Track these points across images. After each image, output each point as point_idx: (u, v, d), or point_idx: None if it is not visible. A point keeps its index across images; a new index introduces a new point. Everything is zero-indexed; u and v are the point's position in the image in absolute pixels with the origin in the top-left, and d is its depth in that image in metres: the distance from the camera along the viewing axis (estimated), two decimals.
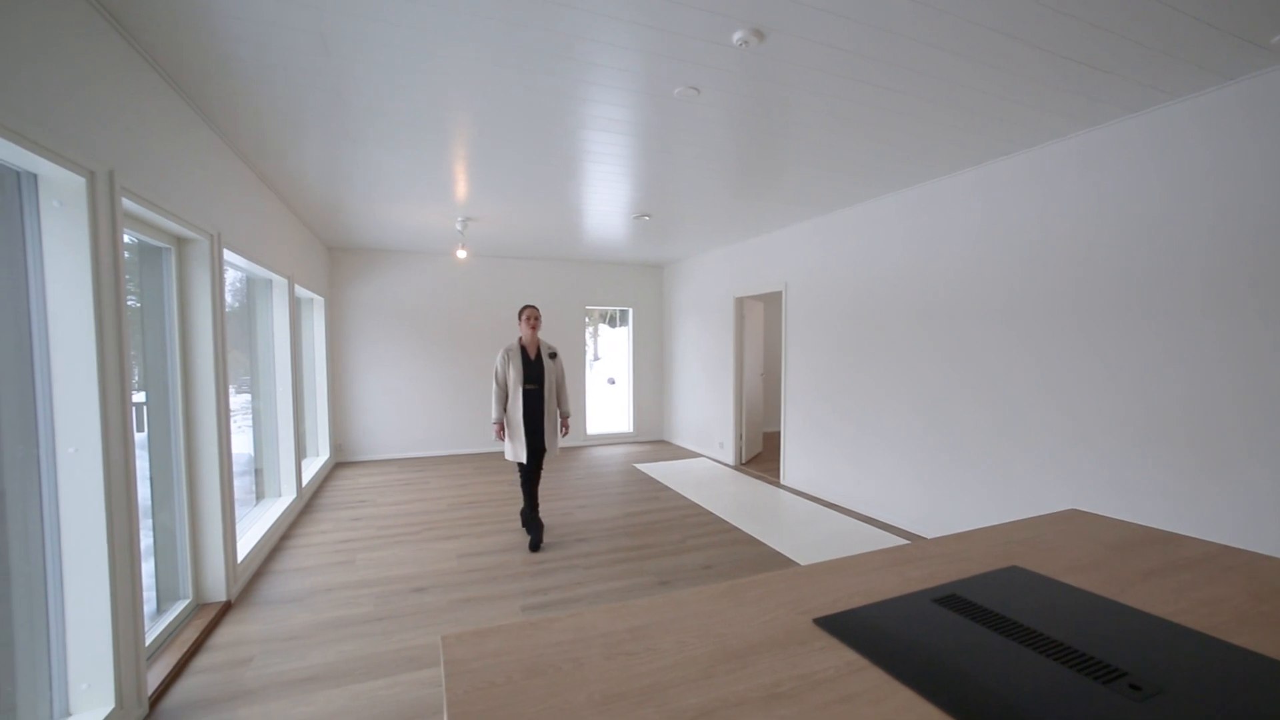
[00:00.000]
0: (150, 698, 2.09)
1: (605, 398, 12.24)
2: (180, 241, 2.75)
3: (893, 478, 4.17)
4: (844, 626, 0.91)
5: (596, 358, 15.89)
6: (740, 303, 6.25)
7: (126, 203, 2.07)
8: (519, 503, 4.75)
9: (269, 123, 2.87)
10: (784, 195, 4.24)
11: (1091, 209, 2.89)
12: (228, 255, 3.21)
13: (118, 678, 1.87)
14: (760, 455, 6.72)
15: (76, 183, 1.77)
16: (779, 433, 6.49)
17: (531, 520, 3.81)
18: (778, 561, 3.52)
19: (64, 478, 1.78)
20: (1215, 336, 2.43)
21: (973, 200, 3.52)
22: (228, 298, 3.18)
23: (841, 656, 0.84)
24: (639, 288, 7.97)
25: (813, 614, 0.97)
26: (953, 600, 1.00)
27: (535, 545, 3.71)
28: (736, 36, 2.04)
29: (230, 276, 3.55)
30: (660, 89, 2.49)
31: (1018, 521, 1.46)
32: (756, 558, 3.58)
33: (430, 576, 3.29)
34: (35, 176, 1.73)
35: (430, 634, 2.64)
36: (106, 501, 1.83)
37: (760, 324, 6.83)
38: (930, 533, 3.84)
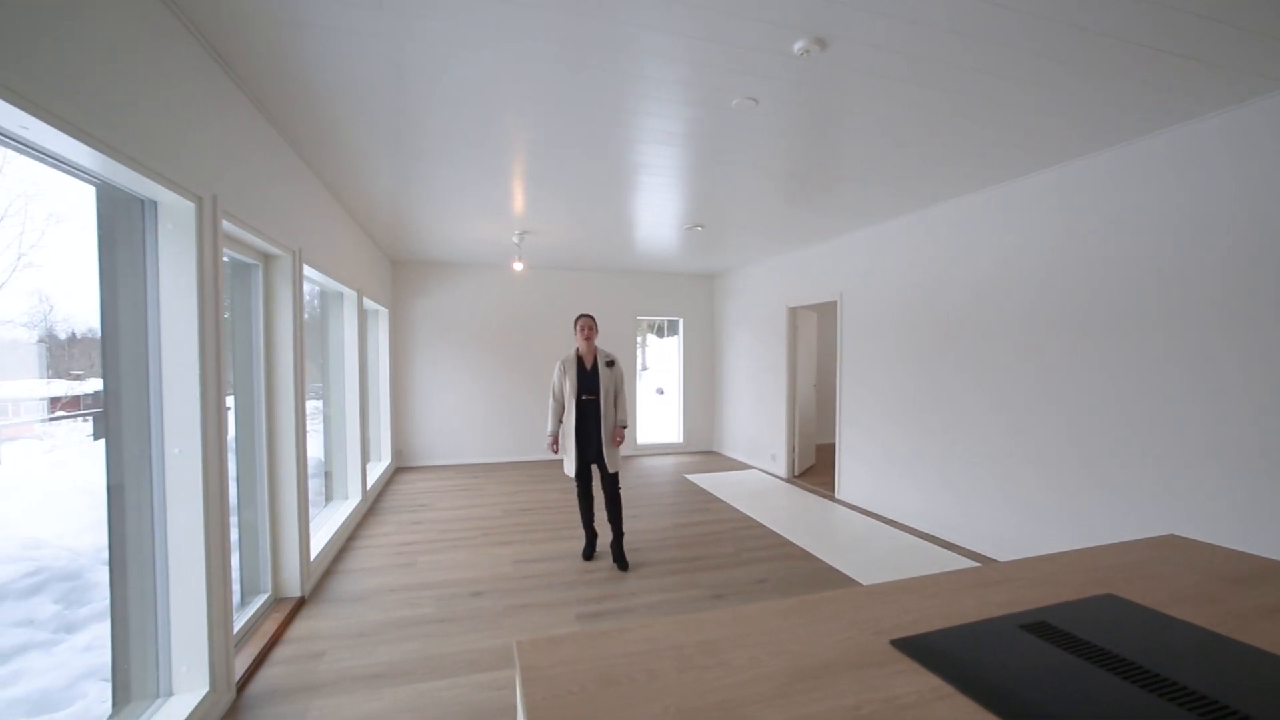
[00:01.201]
0: (237, 684, 2.24)
1: (654, 408, 12.24)
2: (267, 258, 2.98)
3: (958, 495, 3.96)
4: (924, 650, 0.88)
5: (645, 368, 15.94)
6: (793, 313, 6.14)
7: (226, 224, 2.26)
8: (572, 510, 4.81)
9: (344, 142, 3.06)
10: (839, 204, 4.15)
11: (1190, 209, 2.68)
12: (306, 270, 3.44)
13: (211, 663, 2.02)
14: (814, 468, 6.54)
15: (187, 208, 1.95)
16: (833, 445, 6.30)
17: (588, 528, 3.82)
18: (835, 578, 3.41)
19: (170, 476, 1.95)
20: None
21: (1051, 203, 3.33)
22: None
23: (924, 681, 0.80)
24: (690, 297, 7.97)
25: (888, 635, 0.93)
26: (1042, 627, 0.94)
27: (588, 553, 3.74)
28: (798, 46, 2.03)
29: (305, 290, 3.79)
30: (718, 101, 2.50)
31: (1109, 545, 1.36)
32: (813, 573, 3.48)
33: (487, 581, 3.38)
34: (156, 204, 1.92)
35: (488, 638, 2.70)
36: (204, 499, 1.99)
37: (813, 334, 6.68)
38: (1001, 555, 3.62)
